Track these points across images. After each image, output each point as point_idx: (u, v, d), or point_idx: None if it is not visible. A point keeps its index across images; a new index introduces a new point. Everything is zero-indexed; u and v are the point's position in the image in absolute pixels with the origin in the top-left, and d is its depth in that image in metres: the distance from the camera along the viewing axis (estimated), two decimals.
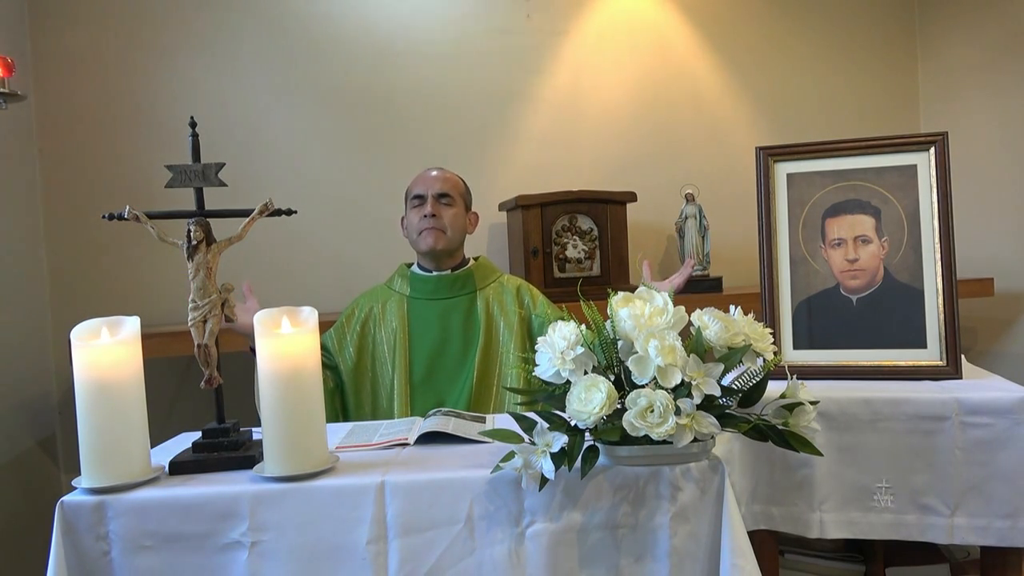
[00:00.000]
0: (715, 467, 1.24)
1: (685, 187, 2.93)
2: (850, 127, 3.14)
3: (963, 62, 3.14)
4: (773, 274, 1.82)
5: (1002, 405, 1.52)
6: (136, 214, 1.33)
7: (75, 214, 2.68)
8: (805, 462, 1.58)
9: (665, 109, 3.15)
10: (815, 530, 1.60)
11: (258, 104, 2.84)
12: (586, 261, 2.75)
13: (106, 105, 2.72)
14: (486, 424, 1.56)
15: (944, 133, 1.74)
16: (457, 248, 2.13)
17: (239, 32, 2.82)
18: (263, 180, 2.77)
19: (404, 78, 2.94)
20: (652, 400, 1.16)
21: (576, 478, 1.21)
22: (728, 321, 1.30)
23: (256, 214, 1.36)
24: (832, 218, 1.81)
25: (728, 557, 1.20)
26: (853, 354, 1.75)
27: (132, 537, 1.21)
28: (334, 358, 2.07)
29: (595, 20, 3.09)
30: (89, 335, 1.25)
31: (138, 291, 2.71)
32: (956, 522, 1.54)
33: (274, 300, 1.44)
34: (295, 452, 1.25)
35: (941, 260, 1.72)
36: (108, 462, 1.23)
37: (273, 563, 1.21)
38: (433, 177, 2.13)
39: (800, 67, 3.26)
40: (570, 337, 1.23)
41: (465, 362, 2.03)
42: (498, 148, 3.03)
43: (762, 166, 1.85)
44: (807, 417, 1.23)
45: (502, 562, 1.22)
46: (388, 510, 1.22)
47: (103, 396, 1.23)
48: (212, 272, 1.34)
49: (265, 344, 1.25)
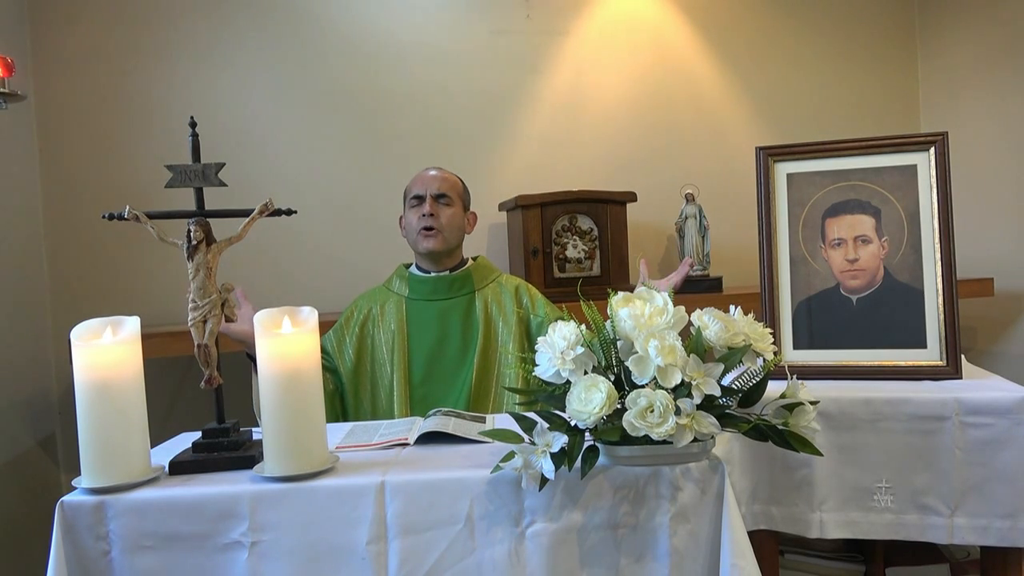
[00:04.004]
0: (715, 467, 1.24)
1: (685, 187, 2.93)
2: (850, 127, 3.14)
3: (963, 62, 3.14)
4: (773, 274, 1.82)
5: (1002, 405, 1.52)
6: (136, 214, 1.33)
7: (75, 214, 2.68)
8: (805, 462, 1.58)
9: (665, 109, 3.15)
10: (815, 530, 1.60)
11: (258, 104, 2.84)
12: (586, 261, 2.75)
13: (106, 105, 2.72)
14: (486, 424, 1.56)
15: (944, 133, 1.74)
16: (455, 249, 2.13)
17: (239, 33, 2.83)
18: (263, 180, 2.77)
19: (404, 78, 2.94)
20: (652, 400, 1.16)
21: (576, 478, 1.21)
22: (728, 321, 1.30)
23: (256, 214, 1.36)
24: (832, 218, 1.81)
25: (728, 557, 1.20)
26: (853, 354, 1.75)
27: (132, 537, 1.21)
28: (333, 360, 2.07)
29: (595, 20, 3.09)
30: (89, 335, 1.25)
31: (138, 291, 2.72)
32: (956, 522, 1.54)
33: (274, 300, 1.44)
34: (295, 452, 1.25)
35: (941, 260, 1.72)
36: (108, 462, 1.23)
37: (273, 563, 1.21)
38: (432, 177, 2.13)
39: (800, 67, 3.26)
40: (570, 337, 1.23)
41: (464, 362, 2.03)
42: (498, 148, 3.03)
43: (762, 166, 1.85)
44: (807, 417, 1.23)
45: (502, 562, 1.22)
46: (388, 510, 1.22)
47: (103, 396, 1.23)
48: (212, 272, 1.34)
49: (265, 344, 1.25)
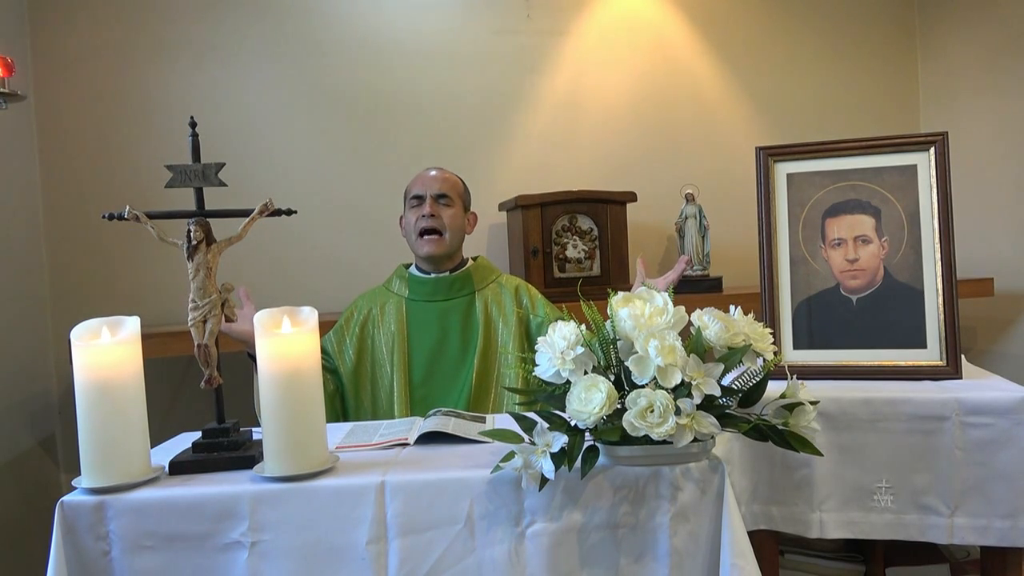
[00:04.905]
0: (715, 467, 1.24)
1: (685, 187, 2.93)
2: (850, 127, 3.14)
3: (963, 62, 3.14)
4: (773, 274, 1.82)
5: (1002, 405, 1.52)
6: (136, 214, 1.33)
7: (75, 214, 2.68)
8: (805, 462, 1.58)
9: (665, 109, 3.15)
10: (815, 530, 1.60)
11: (258, 104, 2.84)
12: (586, 261, 2.75)
13: (106, 105, 2.72)
14: (486, 424, 1.56)
15: (944, 133, 1.74)
16: (456, 250, 2.13)
17: (240, 33, 2.82)
18: (263, 180, 2.77)
19: (404, 78, 2.94)
20: (652, 400, 1.16)
21: (576, 478, 1.21)
22: (728, 321, 1.30)
23: (256, 214, 1.36)
24: (832, 218, 1.81)
25: (728, 557, 1.20)
26: (853, 354, 1.75)
27: (132, 537, 1.21)
28: (334, 361, 2.07)
29: (595, 20, 3.09)
30: (89, 335, 1.25)
31: (138, 291, 2.71)
32: (956, 522, 1.54)
33: (274, 300, 1.44)
34: (295, 452, 1.25)
35: (941, 260, 1.72)
36: (108, 462, 1.23)
37: (273, 563, 1.21)
38: (432, 177, 2.13)
39: (800, 67, 3.26)
40: (570, 337, 1.23)
41: (464, 363, 2.02)
42: (498, 148, 3.03)
43: (762, 166, 1.85)
44: (807, 417, 1.23)
45: (502, 562, 1.22)
46: (388, 510, 1.22)
47: (103, 396, 1.23)
48: (212, 272, 1.34)
49: (265, 344, 1.25)
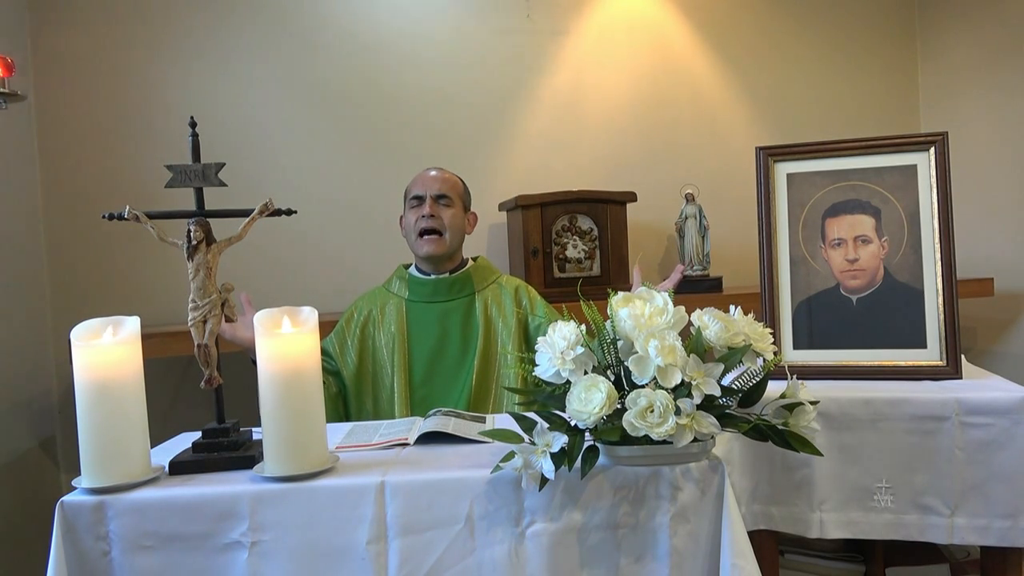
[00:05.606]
0: (715, 467, 1.24)
1: (685, 187, 2.93)
2: (850, 127, 3.14)
3: (963, 62, 3.14)
4: (773, 274, 1.82)
5: (1002, 405, 1.52)
6: (136, 214, 1.33)
7: (75, 214, 2.68)
8: (805, 462, 1.58)
9: (665, 109, 3.15)
10: (815, 530, 1.60)
11: (259, 104, 2.84)
12: (586, 261, 2.75)
13: (106, 105, 2.72)
14: (486, 424, 1.56)
15: (944, 133, 1.74)
16: (455, 250, 2.13)
17: (239, 32, 2.82)
18: (263, 180, 2.77)
19: (404, 78, 2.94)
20: (652, 400, 1.16)
21: (576, 478, 1.21)
22: (728, 321, 1.30)
23: (256, 214, 1.36)
24: (832, 218, 1.81)
25: (728, 557, 1.20)
26: (853, 354, 1.75)
27: (132, 537, 1.21)
28: (336, 363, 2.07)
29: (595, 20, 3.09)
30: (89, 335, 1.25)
31: (138, 291, 2.71)
32: (956, 522, 1.54)
33: (274, 300, 1.44)
34: (295, 452, 1.25)
35: (941, 260, 1.72)
36: (108, 462, 1.23)
37: (273, 563, 1.21)
38: (432, 177, 2.13)
39: (800, 67, 3.26)
40: (570, 337, 1.23)
41: (464, 364, 2.02)
42: (498, 148, 3.03)
43: (762, 166, 1.85)
44: (807, 417, 1.23)
45: (502, 562, 1.22)
46: (388, 510, 1.22)
47: (103, 396, 1.23)
48: (212, 272, 1.34)
49: (265, 344, 1.25)
